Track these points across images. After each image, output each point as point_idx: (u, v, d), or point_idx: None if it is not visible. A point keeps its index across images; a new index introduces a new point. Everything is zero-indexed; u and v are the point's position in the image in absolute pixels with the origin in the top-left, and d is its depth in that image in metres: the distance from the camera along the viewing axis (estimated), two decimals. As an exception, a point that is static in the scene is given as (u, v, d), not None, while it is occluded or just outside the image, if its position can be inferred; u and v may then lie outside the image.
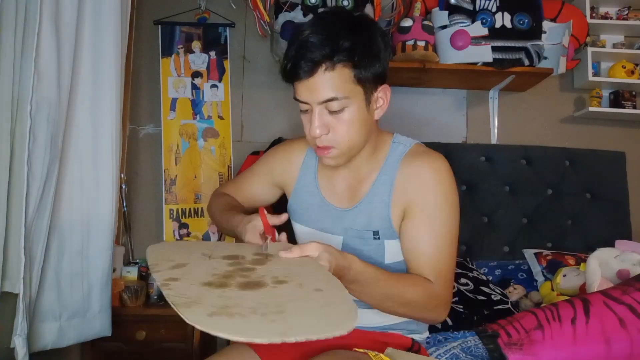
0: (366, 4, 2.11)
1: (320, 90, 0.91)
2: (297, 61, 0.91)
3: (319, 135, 0.95)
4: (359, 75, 0.92)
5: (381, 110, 1.01)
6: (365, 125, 0.98)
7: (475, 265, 2.01)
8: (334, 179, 1.10)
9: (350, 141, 0.97)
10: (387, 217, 1.02)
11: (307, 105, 0.95)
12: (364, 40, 0.92)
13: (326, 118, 0.94)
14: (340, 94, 0.92)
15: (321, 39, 0.89)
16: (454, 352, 1.24)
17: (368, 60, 0.92)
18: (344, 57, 0.89)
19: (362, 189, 1.06)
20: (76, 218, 1.62)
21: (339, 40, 0.89)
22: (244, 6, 2.35)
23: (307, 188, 1.14)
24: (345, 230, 1.07)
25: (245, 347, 1.10)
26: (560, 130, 2.51)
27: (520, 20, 2.12)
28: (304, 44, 0.90)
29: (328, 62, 0.89)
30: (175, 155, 2.28)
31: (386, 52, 0.97)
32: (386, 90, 1.00)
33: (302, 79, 0.92)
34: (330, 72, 0.90)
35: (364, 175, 1.07)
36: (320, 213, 1.11)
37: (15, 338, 1.34)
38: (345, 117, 0.94)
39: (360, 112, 0.95)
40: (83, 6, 1.59)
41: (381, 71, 0.96)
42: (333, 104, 0.92)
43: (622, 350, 1.09)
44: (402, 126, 2.40)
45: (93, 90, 1.66)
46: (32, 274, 1.42)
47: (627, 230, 2.26)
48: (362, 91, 0.94)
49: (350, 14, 0.98)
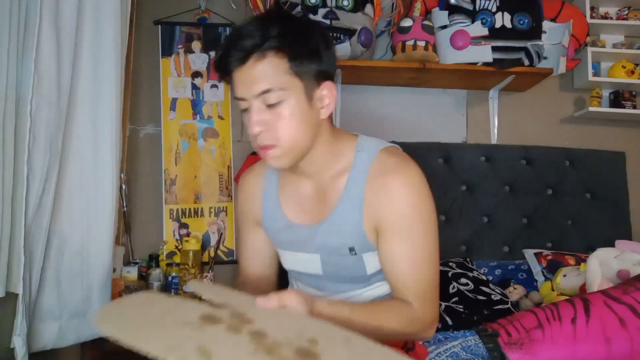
0: (366, 4, 2.12)
1: (255, 82, 0.88)
2: (227, 50, 0.89)
3: (258, 132, 0.91)
4: (295, 68, 0.89)
5: (327, 109, 0.95)
6: (308, 123, 0.93)
7: (475, 265, 2.01)
8: (298, 196, 1.05)
9: (291, 139, 0.91)
10: (360, 234, 0.98)
11: (245, 102, 0.91)
12: (295, 30, 0.91)
13: (265, 114, 0.90)
14: (275, 85, 0.88)
15: (252, 29, 0.88)
16: (454, 351, 1.24)
17: (303, 53, 0.90)
18: (273, 43, 0.87)
19: (328, 203, 1.01)
20: (76, 218, 1.62)
21: (269, 28, 0.88)
22: (244, 6, 2.35)
23: (271, 214, 1.09)
24: (319, 249, 1.03)
25: None
26: (560, 130, 2.51)
27: (520, 20, 2.12)
28: (234, 35, 0.90)
29: (259, 51, 0.87)
30: (175, 155, 2.28)
31: (328, 51, 0.94)
32: (331, 88, 0.95)
33: (233, 69, 0.90)
34: (262, 62, 0.88)
35: (327, 186, 1.01)
36: (289, 235, 1.06)
37: (15, 338, 1.34)
38: (285, 112, 0.90)
39: (301, 107, 0.91)
40: (83, 6, 1.59)
41: (324, 69, 0.93)
42: (269, 96, 0.88)
43: (622, 350, 1.09)
44: (402, 126, 2.42)
45: (93, 90, 1.66)
46: (32, 274, 1.42)
47: (627, 230, 2.26)
48: (302, 85, 0.90)
49: (287, 11, 0.97)
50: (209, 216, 2.28)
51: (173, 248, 2.22)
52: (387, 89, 2.40)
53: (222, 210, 2.29)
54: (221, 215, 2.28)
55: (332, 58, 0.96)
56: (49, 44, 1.41)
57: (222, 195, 2.30)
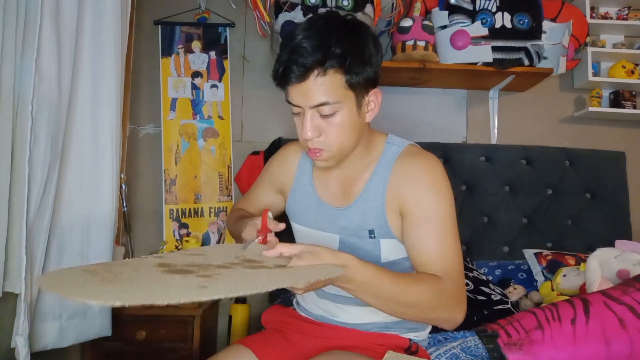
0: (366, 4, 2.12)
1: (312, 95, 0.93)
2: (289, 66, 0.92)
3: (311, 138, 0.97)
4: (351, 81, 0.93)
5: (372, 113, 1.02)
6: (355, 129, 0.99)
7: (475, 265, 2.01)
8: (328, 179, 1.12)
9: (340, 144, 0.98)
10: (382, 217, 1.03)
11: (299, 108, 0.96)
12: (355, 46, 0.93)
13: (317, 121, 0.96)
14: (331, 99, 0.93)
15: (313, 45, 0.91)
16: (454, 352, 1.24)
17: (359, 65, 0.94)
18: (335, 63, 0.91)
19: (355, 189, 1.07)
20: (76, 218, 1.62)
21: (331, 46, 0.90)
22: (244, 6, 2.35)
23: (304, 189, 1.15)
24: (341, 230, 1.08)
25: (243, 349, 1.10)
26: (560, 130, 2.51)
27: (520, 20, 2.12)
28: (296, 49, 0.92)
29: (320, 68, 0.91)
30: (175, 155, 2.28)
31: (377, 56, 0.98)
32: (377, 94, 1.01)
33: (294, 84, 0.94)
34: (322, 78, 0.91)
35: (357, 175, 1.08)
36: (316, 212, 1.12)
37: (16, 338, 1.34)
38: (337, 121, 0.96)
39: (351, 116, 0.97)
40: (83, 6, 1.59)
41: (372, 75, 0.97)
42: (324, 108, 0.94)
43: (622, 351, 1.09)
44: (402, 126, 2.42)
45: (93, 90, 1.66)
46: (33, 274, 1.42)
47: (627, 230, 2.26)
48: (354, 95, 0.96)
49: (343, 19, 0.99)
50: (209, 216, 2.28)
51: (173, 248, 2.22)
52: (387, 89, 2.40)
53: (222, 210, 2.29)
54: (221, 215, 2.29)
55: (380, 60, 1.00)
56: (50, 44, 1.41)
57: (222, 195, 2.30)
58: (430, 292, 0.89)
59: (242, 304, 2.15)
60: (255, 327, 2.10)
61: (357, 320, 1.12)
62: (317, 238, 1.12)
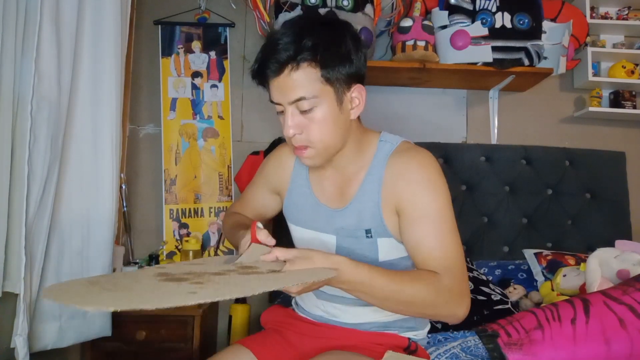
0: (366, 4, 2.11)
1: (289, 90, 0.94)
2: (264, 62, 0.95)
3: (293, 134, 0.97)
4: (327, 75, 0.93)
5: (357, 110, 1.01)
6: (339, 125, 0.98)
7: (475, 265, 2.01)
8: (323, 180, 1.12)
9: (324, 141, 0.98)
10: (378, 216, 1.03)
11: (281, 106, 0.97)
12: (327, 39, 0.94)
13: (299, 118, 0.96)
14: (308, 94, 0.93)
15: (287, 40, 0.92)
16: (454, 352, 1.24)
17: (334, 59, 0.94)
18: (307, 56, 0.91)
19: (351, 189, 1.07)
20: (76, 218, 1.62)
21: (302, 40, 0.92)
22: (244, 6, 2.35)
23: (300, 189, 1.15)
24: (338, 230, 1.08)
25: (243, 349, 1.10)
26: (560, 130, 2.51)
27: (520, 20, 2.12)
28: (271, 46, 0.94)
29: (293, 62, 0.92)
30: (175, 155, 2.28)
31: (359, 53, 0.98)
32: (361, 90, 1.00)
33: (270, 79, 0.95)
34: (296, 72, 0.92)
35: (351, 175, 1.07)
36: (313, 213, 1.12)
37: (15, 338, 1.34)
38: (317, 117, 0.96)
39: (332, 111, 0.96)
40: (83, 6, 1.59)
41: (354, 71, 0.97)
42: (303, 103, 0.94)
43: (622, 351, 1.09)
44: (402, 126, 2.42)
45: (93, 90, 1.66)
46: (33, 274, 1.42)
47: (627, 230, 2.26)
48: (332, 90, 0.95)
49: (321, 16, 1.00)
50: (209, 216, 2.28)
51: (173, 248, 2.22)
52: (387, 89, 2.40)
53: (222, 210, 2.29)
54: (221, 215, 2.28)
55: (363, 59, 1.00)
56: (49, 43, 1.41)
57: (222, 195, 2.30)
58: (427, 289, 0.89)
59: (242, 304, 2.15)
60: (255, 327, 2.10)
61: (356, 320, 1.11)
62: (314, 239, 1.11)
